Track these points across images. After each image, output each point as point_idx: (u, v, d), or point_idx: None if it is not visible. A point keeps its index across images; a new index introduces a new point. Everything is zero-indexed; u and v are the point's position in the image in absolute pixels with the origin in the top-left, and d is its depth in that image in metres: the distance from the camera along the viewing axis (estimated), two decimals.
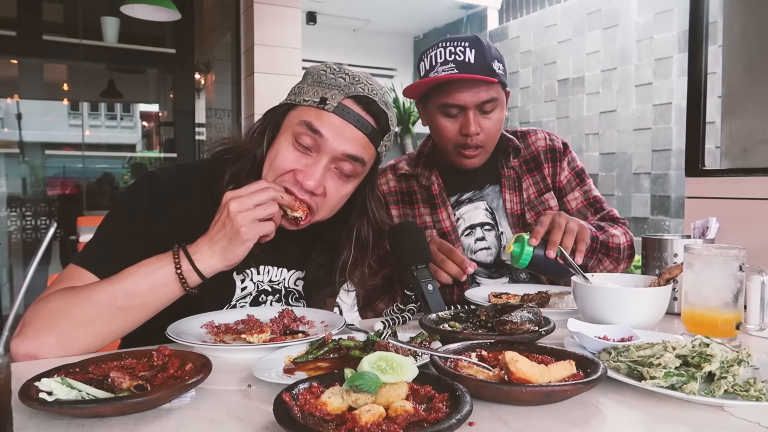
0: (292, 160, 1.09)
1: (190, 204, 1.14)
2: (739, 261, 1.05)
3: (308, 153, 1.09)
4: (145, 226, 1.10)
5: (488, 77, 1.44)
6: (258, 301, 1.24)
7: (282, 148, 1.10)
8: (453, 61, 1.47)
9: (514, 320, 0.98)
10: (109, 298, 0.97)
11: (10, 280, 4.51)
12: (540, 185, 1.65)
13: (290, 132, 1.10)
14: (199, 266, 1.01)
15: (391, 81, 9.46)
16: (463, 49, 1.47)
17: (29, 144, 4.88)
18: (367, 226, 1.23)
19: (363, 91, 1.11)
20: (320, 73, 1.13)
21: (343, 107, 1.09)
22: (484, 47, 1.48)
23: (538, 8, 7.00)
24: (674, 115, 5.39)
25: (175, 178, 1.18)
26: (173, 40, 4.64)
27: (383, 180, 1.66)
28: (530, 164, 1.67)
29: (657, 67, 5.54)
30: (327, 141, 1.07)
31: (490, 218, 1.62)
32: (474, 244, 1.60)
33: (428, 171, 1.64)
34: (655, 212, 5.65)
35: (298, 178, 1.08)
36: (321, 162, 1.08)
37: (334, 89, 1.10)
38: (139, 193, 1.14)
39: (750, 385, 0.76)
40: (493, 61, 1.48)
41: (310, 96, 1.10)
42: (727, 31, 2.24)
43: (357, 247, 1.22)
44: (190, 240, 1.05)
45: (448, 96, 1.48)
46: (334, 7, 8.28)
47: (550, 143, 1.69)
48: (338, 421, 0.64)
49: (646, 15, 5.67)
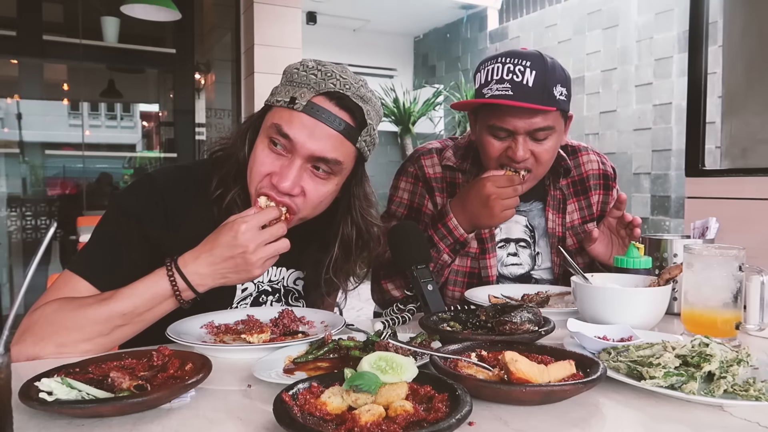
0: (268, 163, 1.08)
1: (187, 205, 1.14)
2: (738, 261, 1.05)
3: (283, 154, 1.08)
4: (140, 228, 1.10)
5: (545, 107, 1.33)
6: (258, 301, 1.24)
7: (258, 151, 1.09)
8: (510, 81, 1.35)
9: (514, 320, 0.98)
10: (104, 317, 0.97)
11: (10, 280, 4.51)
12: (584, 212, 1.59)
13: (265, 134, 1.09)
14: (193, 283, 1.00)
15: (391, 81, 9.45)
16: (522, 69, 1.34)
17: (29, 144, 4.87)
18: (351, 224, 1.20)
19: (335, 87, 1.07)
20: (293, 71, 1.11)
21: (313, 105, 1.05)
22: (547, 69, 1.35)
23: (538, 8, 7.00)
24: (674, 115, 5.39)
25: (171, 179, 1.17)
26: (173, 40, 4.64)
27: (429, 162, 1.58)
28: (578, 187, 1.60)
29: (657, 67, 5.54)
30: (297, 143, 1.05)
31: (528, 236, 1.57)
32: (506, 257, 1.56)
33: (476, 169, 1.54)
34: (655, 212, 5.65)
35: (273, 181, 1.07)
36: (295, 163, 1.06)
37: (304, 87, 1.07)
38: (135, 195, 1.14)
39: (749, 385, 0.76)
40: (555, 85, 1.36)
41: (282, 96, 1.09)
42: (727, 31, 2.24)
43: (341, 246, 1.20)
44: (186, 242, 1.04)
45: (498, 119, 1.38)
46: (334, 7, 8.28)
47: (602, 168, 1.63)
48: (338, 420, 0.64)
49: (646, 15, 5.67)
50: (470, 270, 1.54)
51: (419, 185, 1.58)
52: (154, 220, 1.11)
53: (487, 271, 1.52)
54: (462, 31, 8.82)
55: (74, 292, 1.04)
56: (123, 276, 1.03)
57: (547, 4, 6.84)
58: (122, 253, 1.08)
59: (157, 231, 1.10)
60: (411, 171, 1.60)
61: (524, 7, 7.32)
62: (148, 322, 1.01)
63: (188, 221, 1.12)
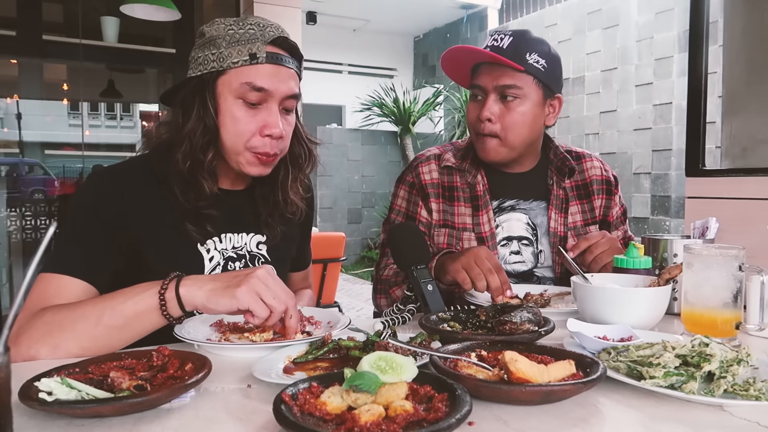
0: (251, 120, 1.16)
1: (138, 186, 1.18)
2: (738, 261, 1.05)
3: (258, 107, 1.16)
4: (98, 215, 1.13)
5: (511, 62, 1.40)
6: (227, 268, 1.25)
7: (235, 112, 1.16)
8: (490, 46, 1.46)
9: (513, 320, 0.98)
10: (94, 321, 0.97)
11: (10, 280, 4.50)
12: (587, 215, 1.60)
13: (233, 96, 1.15)
14: (181, 291, 0.98)
15: (391, 81, 9.46)
16: (502, 37, 1.45)
17: (29, 144, 4.88)
18: (298, 143, 1.30)
19: (275, 33, 1.18)
20: (228, 33, 1.16)
21: (270, 54, 1.15)
22: (525, 38, 1.45)
23: (538, 8, 7.00)
24: (674, 115, 5.39)
25: (118, 168, 1.23)
26: (173, 40, 4.64)
27: (426, 169, 1.60)
28: (581, 191, 1.62)
29: (657, 67, 5.54)
30: (271, 90, 1.15)
31: (531, 233, 1.57)
32: (509, 255, 1.56)
33: (475, 169, 1.57)
34: (655, 212, 5.65)
35: (264, 133, 1.16)
36: (273, 109, 1.17)
37: (255, 41, 1.15)
38: (86, 189, 1.18)
39: (749, 385, 0.76)
40: (530, 52, 1.44)
41: (237, 56, 1.14)
42: (727, 31, 2.24)
43: (292, 163, 1.29)
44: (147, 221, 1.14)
45: (475, 77, 1.49)
46: (334, 7, 8.28)
47: (605, 174, 1.65)
48: (338, 420, 0.64)
49: (647, 15, 5.67)
50: None
51: (414, 193, 1.60)
52: (111, 201, 1.14)
53: None
54: (462, 31, 8.82)
55: (59, 290, 1.05)
56: (98, 262, 1.10)
57: (547, 4, 6.84)
58: (89, 240, 1.11)
59: (116, 211, 1.14)
60: (408, 180, 1.62)
61: (524, 6, 7.32)
62: (135, 330, 0.99)
63: (142, 199, 1.17)
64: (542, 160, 1.63)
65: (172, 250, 1.18)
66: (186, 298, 0.97)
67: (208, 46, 1.17)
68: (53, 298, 1.04)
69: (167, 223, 1.18)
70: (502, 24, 7.71)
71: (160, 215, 1.17)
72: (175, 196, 1.17)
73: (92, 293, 1.08)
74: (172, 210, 1.17)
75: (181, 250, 1.19)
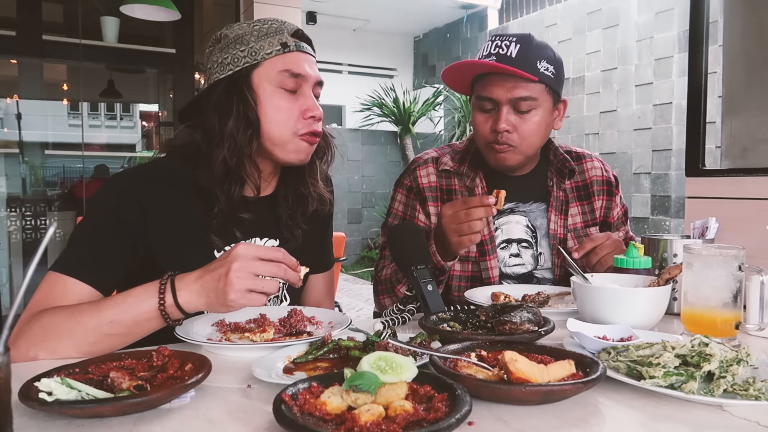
0: (293, 105, 1.19)
1: (158, 189, 1.17)
2: (738, 261, 1.05)
3: (296, 93, 1.20)
4: (116, 217, 1.12)
5: (525, 73, 1.37)
6: None
7: (276, 101, 1.19)
8: (495, 54, 1.41)
9: (513, 320, 0.98)
10: (93, 325, 0.97)
11: (10, 280, 4.50)
12: (587, 216, 1.59)
13: (272, 85, 1.18)
14: (180, 301, 0.98)
15: (391, 81, 9.46)
16: (508, 44, 1.41)
17: (29, 144, 4.88)
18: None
19: (293, 26, 1.24)
20: (254, 29, 1.20)
21: (296, 43, 1.21)
22: (532, 44, 1.41)
23: (538, 8, 7.00)
24: (674, 115, 5.39)
25: (139, 170, 1.23)
26: (173, 40, 4.64)
27: (423, 172, 1.59)
28: (581, 192, 1.61)
29: (657, 66, 5.54)
30: (306, 76, 1.20)
31: (530, 236, 1.57)
32: (508, 258, 1.56)
33: (473, 171, 1.56)
34: (655, 212, 5.65)
35: (308, 116, 1.20)
36: (309, 94, 1.21)
37: (282, 32, 1.20)
38: (106, 191, 1.17)
39: (749, 385, 0.76)
40: (539, 59, 1.41)
41: (270, 47, 1.18)
42: (727, 31, 2.24)
43: (316, 154, 1.30)
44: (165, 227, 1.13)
45: (483, 89, 1.44)
46: (334, 7, 8.28)
47: (606, 175, 1.63)
48: (338, 420, 0.64)
49: (647, 15, 5.67)
50: (472, 274, 1.54)
51: (411, 197, 1.60)
52: (130, 206, 1.14)
53: (488, 273, 1.52)
54: (462, 30, 8.82)
55: (65, 291, 1.05)
56: (108, 267, 1.10)
57: (547, 3, 6.84)
58: (102, 244, 1.10)
59: (132, 216, 1.13)
60: (406, 183, 1.62)
61: (524, 6, 7.32)
62: (135, 335, 1.00)
63: (163, 204, 1.16)
64: (542, 162, 1.62)
65: (189, 255, 1.15)
66: (187, 307, 0.98)
67: (235, 45, 1.19)
68: (58, 300, 1.04)
69: (186, 228, 1.17)
70: (502, 24, 7.71)
71: (180, 220, 1.16)
72: (200, 202, 1.16)
73: (96, 297, 1.08)
74: (192, 216, 1.17)
75: (198, 257, 1.14)
